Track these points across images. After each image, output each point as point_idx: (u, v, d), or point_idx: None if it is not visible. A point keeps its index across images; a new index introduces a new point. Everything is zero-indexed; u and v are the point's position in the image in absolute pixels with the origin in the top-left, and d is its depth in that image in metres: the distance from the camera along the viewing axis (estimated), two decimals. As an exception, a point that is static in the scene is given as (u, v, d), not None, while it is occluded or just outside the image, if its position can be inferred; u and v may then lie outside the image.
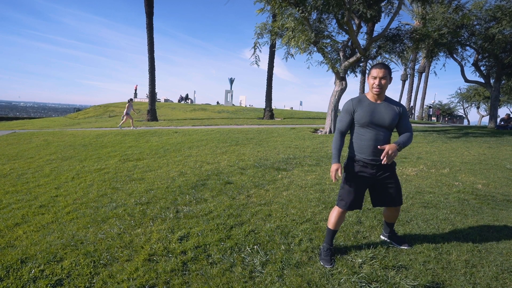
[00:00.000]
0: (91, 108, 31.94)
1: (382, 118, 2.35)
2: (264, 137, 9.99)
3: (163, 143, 8.73)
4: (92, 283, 2.24)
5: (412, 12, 26.62)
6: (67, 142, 9.38)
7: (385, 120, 2.35)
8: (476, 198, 4.21)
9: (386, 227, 2.83)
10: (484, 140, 10.58)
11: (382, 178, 2.45)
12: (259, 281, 2.26)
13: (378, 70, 2.30)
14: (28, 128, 16.03)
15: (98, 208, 3.76)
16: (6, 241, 2.95)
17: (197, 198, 4.02)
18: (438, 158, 7.18)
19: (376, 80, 2.29)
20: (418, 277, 2.31)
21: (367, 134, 2.37)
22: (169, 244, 2.77)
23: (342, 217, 2.54)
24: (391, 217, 2.72)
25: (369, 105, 2.36)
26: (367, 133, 2.37)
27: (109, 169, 5.81)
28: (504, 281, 2.29)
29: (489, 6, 13.55)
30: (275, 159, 6.52)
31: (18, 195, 4.43)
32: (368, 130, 2.36)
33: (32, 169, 6.04)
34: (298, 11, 9.42)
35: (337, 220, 2.53)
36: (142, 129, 12.67)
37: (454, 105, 41.42)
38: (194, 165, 5.97)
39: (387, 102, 2.40)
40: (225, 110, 24.40)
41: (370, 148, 2.36)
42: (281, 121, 17.49)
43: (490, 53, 14.86)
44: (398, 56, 14.16)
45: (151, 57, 17.19)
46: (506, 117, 16.42)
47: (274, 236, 2.94)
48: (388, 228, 2.82)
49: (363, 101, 2.38)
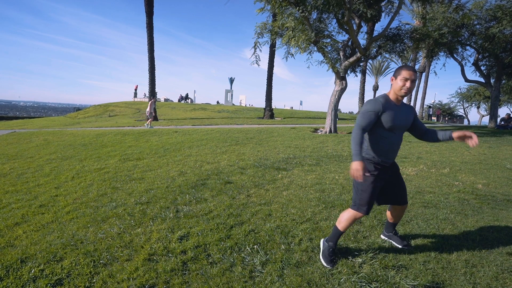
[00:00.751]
0: (91, 108, 31.95)
1: (405, 121, 2.35)
2: (264, 136, 9.99)
3: (163, 143, 8.73)
4: (92, 283, 2.23)
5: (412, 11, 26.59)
6: (67, 142, 9.37)
7: (407, 123, 2.37)
8: (476, 198, 4.21)
9: (389, 227, 2.83)
10: (484, 140, 10.58)
11: (391, 178, 2.47)
12: (259, 280, 2.26)
13: (411, 72, 2.21)
14: (28, 127, 16.03)
15: (98, 207, 3.76)
16: (6, 241, 2.94)
17: (197, 198, 4.02)
18: (438, 157, 7.18)
19: (407, 82, 2.22)
20: (418, 277, 2.30)
21: (390, 137, 2.32)
22: (169, 244, 2.77)
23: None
24: (397, 217, 2.72)
25: (394, 108, 2.31)
26: (390, 136, 2.31)
27: (109, 168, 5.81)
28: (504, 281, 2.29)
29: (490, 5, 13.55)
30: (275, 158, 6.52)
31: (18, 195, 4.42)
32: (392, 133, 2.32)
33: (32, 169, 6.04)
34: (298, 10, 9.41)
35: (351, 224, 2.48)
36: (142, 129, 12.67)
37: (454, 105, 41.45)
38: (194, 164, 5.97)
39: (403, 104, 2.40)
40: (225, 110, 24.40)
41: (391, 151, 2.35)
42: (281, 121, 17.49)
43: (491, 52, 14.85)
44: (398, 56, 14.15)
45: (151, 57, 17.19)
46: (506, 117, 16.42)
47: (274, 235, 2.94)
48: (391, 228, 2.82)
49: (390, 103, 2.30)
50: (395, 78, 2.28)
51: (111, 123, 16.80)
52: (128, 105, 28.96)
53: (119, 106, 28.69)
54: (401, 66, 2.29)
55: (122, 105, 29.26)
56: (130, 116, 22.34)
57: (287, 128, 12.87)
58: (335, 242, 2.53)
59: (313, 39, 10.17)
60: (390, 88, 2.35)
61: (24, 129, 14.44)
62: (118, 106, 29.11)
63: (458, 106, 41.61)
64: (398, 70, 2.28)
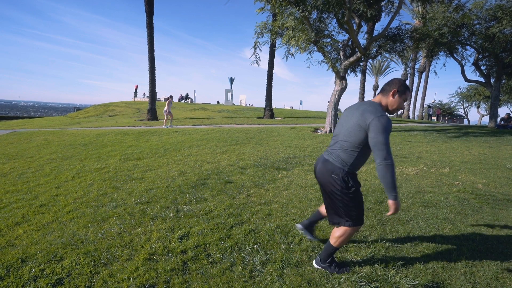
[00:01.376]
0: (91, 108, 31.93)
1: None
2: (264, 136, 9.99)
3: (163, 143, 8.73)
4: (92, 282, 2.24)
5: (413, 11, 26.58)
6: (67, 142, 9.38)
7: None
8: (476, 198, 4.22)
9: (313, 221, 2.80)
10: (484, 140, 10.58)
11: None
12: (259, 280, 2.26)
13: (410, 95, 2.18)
14: (28, 127, 16.03)
15: (98, 207, 3.76)
16: (7, 240, 2.95)
17: (197, 198, 4.02)
18: (438, 157, 7.18)
19: (406, 103, 2.20)
20: (418, 277, 2.31)
21: (368, 152, 2.18)
22: (169, 244, 2.78)
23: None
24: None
25: None
26: (369, 150, 2.16)
27: (109, 168, 5.81)
28: (504, 281, 2.29)
29: (490, 5, 13.54)
30: (275, 158, 6.53)
31: (18, 194, 4.43)
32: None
33: (32, 169, 6.04)
34: (298, 10, 9.41)
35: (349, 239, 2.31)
36: (142, 129, 12.67)
37: (454, 105, 41.41)
38: (194, 164, 5.97)
39: None
40: (225, 110, 24.39)
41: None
42: (281, 121, 17.49)
43: (491, 52, 14.84)
44: (398, 56, 14.17)
45: (151, 57, 17.18)
46: (506, 117, 16.42)
47: (274, 235, 2.94)
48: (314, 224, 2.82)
49: None
50: (399, 96, 2.13)
51: (111, 123, 16.81)
52: (128, 105, 28.95)
53: (119, 106, 28.68)
54: (405, 85, 2.16)
55: (122, 105, 29.25)
56: (130, 116, 22.34)
57: (287, 128, 12.87)
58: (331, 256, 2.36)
59: (313, 38, 10.17)
60: (384, 98, 2.17)
61: (25, 129, 14.44)
62: (118, 106, 29.10)
63: (458, 106, 41.60)
64: (403, 88, 2.14)
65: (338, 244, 2.29)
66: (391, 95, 2.14)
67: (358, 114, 2.10)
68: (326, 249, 2.35)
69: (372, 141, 1.99)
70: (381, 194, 4.24)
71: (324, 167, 2.21)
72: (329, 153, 2.24)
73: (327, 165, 2.19)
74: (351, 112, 2.19)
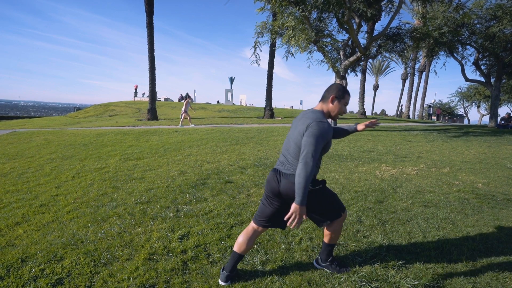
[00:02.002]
0: (91, 107, 31.94)
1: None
2: (264, 136, 9.99)
3: (163, 142, 8.73)
4: (93, 282, 2.24)
5: (413, 11, 26.58)
6: (67, 141, 9.38)
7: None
8: (476, 197, 4.21)
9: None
10: (485, 139, 10.57)
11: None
12: (259, 280, 2.26)
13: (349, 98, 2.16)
14: (28, 127, 16.03)
15: (99, 207, 3.77)
16: (7, 240, 2.95)
17: (197, 197, 4.02)
18: (439, 157, 7.18)
19: (346, 108, 2.15)
20: (418, 276, 2.31)
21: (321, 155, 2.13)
22: (169, 243, 2.78)
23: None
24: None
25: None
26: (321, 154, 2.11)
27: (109, 168, 5.82)
28: (504, 281, 2.29)
29: (490, 5, 13.53)
30: (275, 158, 6.52)
31: (18, 194, 4.43)
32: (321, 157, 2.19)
33: (32, 168, 6.04)
34: (298, 10, 9.41)
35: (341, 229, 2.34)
36: (142, 128, 12.67)
37: (455, 104, 41.36)
38: (194, 164, 5.97)
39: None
40: (225, 109, 24.39)
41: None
42: (281, 120, 17.49)
43: (491, 52, 14.84)
44: (398, 55, 14.17)
45: (151, 56, 17.18)
46: (507, 116, 16.41)
47: (274, 235, 2.94)
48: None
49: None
50: (338, 100, 2.11)
51: (111, 122, 16.81)
52: (129, 105, 28.96)
53: (120, 106, 28.69)
54: (343, 89, 2.14)
55: (123, 105, 29.26)
56: (131, 115, 22.34)
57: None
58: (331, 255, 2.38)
59: (313, 38, 10.17)
60: (325, 105, 2.13)
61: (25, 129, 14.45)
62: (119, 105, 29.11)
63: (458, 105, 41.56)
64: (341, 93, 2.12)
65: (333, 240, 2.33)
66: (330, 101, 2.11)
67: (301, 124, 2.06)
68: (324, 249, 2.38)
69: (304, 141, 1.97)
70: (381, 194, 4.24)
71: (288, 182, 2.09)
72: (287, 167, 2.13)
73: (291, 178, 2.08)
74: (295, 123, 2.16)
